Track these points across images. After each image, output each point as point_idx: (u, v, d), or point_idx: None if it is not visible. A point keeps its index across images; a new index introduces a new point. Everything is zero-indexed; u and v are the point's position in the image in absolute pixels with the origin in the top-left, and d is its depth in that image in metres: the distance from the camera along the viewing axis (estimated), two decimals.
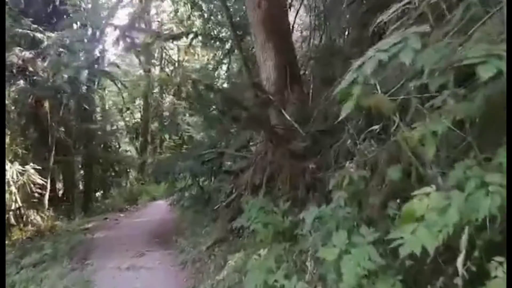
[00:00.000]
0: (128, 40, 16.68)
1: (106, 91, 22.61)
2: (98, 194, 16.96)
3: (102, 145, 20.05)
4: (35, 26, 10.23)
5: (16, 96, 10.55)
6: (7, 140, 11.50)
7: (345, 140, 4.09)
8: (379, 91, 2.57)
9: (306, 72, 6.78)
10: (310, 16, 8.16)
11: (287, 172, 4.77)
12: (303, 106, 5.50)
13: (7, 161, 11.05)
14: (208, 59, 20.70)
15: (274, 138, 4.80)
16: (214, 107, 7.93)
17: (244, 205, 5.32)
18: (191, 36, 13.23)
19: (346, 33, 7.28)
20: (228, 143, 7.99)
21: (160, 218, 12.56)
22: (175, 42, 24.18)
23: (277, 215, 4.43)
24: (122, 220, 13.31)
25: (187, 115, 24.25)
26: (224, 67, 16.86)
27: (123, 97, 22.85)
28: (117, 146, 23.13)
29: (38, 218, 11.57)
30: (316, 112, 5.40)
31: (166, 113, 24.54)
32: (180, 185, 9.98)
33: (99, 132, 20.53)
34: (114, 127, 23.08)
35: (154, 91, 24.50)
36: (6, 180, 10.89)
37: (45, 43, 10.33)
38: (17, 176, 11.15)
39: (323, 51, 6.91)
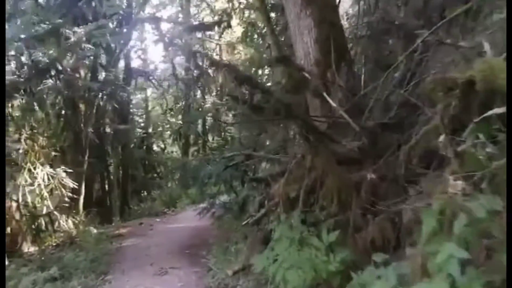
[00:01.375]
0: (168, 38, 15.84)
1: (149, 93, 22.06)
2: (136, 197, 16.11)
3: (144, 147, 19.45)
4: (60, 21, 9.34)
5: (44, 96, 9.70)
6: (40, 142, 10.79)
7: (424, 137, 2.50)
8: None
9: (356, 52, 5.19)
10: None
11: (333, 183, 3.26)
12: (354, 92, 3.93)
13: (38, 164, 10.32)
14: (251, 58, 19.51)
15: (314, 134, 3.29)
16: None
17: (274, 224, 3.86)
18: (223, 25, 11.93)
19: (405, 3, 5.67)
20: (261, 143, 6.55)
21: (195, 225, 11.32)
22: (216, 41, 23.51)
23: (318, 251, 2.94)
24: (157, 225, 12.27)
25: (230, 115, 23.21)
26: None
27: (166, 99, 22.21)
28: (162, 148, 22.54)
29: (70, 223, 10.73)
30: (373, 101, 3.81)
31: (208, 114, 23.53)
32: (210, 191, 8.70)
33: (143, 134, 20.00)
34: (158, 129, 22.52)
35: (197, 92, 23.61)
36: (37, 183, 10.19)
37: (72, 39, 9.39)
38: (48, 179, 10.39)
39: (376, 26, 5.27)
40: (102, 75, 11.10)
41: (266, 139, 5.92)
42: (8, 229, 9.91)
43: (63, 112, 12.11)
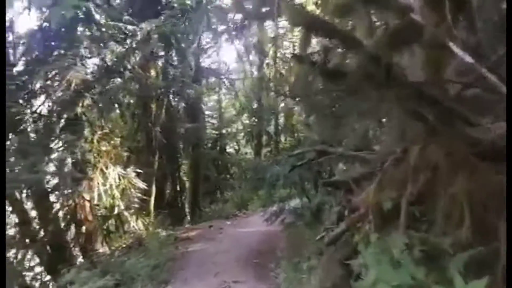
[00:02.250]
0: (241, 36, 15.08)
1: (222, 94, 21.63)
2: (208, 198, 15.55)
3: (218, 148, 19.02)
4: (127, 17, 8.94)
5: (113, 97, 9.40)
6: (113, 142, 10.60)
7: None
8: None
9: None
10: None
11: (463, 190, 1.97)
12: (479, 56, 2.56)
13: (110, 164, 10.10)
14: None
15: (436, 111, 2.02)
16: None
17: (361, 248, 2.64)
18: None
19: None
20: (340, 137, 5.24)
21: (266, 229, 10.28)
22: (289, 39, 22.44)
23: None
24: (227, 229, 11.46)
25: (303, 115, 21.99)
26: None
27: (239, 99, 21.67)
28: (236, 149, 22.04)
29: (140, 224, 10.37)
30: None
31: (281, 114, 22.57)
32: (280, 194, 7.59)
33: (216, 135, 19.61)
34: (231, 130, 22.06)
35: (270, 92, 22.75)
36: (109, 184, 9.97)
37: (139, 36, 8.95)
38: (119, 179, 10.12)
39: None
40: (171, 73, 10.57)
41: (346, 130, 4.61)
42: (83, 229, 9.85)
43: (136, 112, 11.94)
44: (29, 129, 8.89)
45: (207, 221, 13.04)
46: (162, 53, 10.79)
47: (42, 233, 9.11)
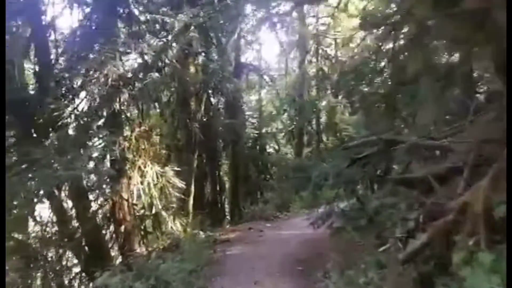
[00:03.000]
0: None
1: (263, 92, 21.00)
2: (248, 198, 14.90)
3: (257, 147, 18.41)
4: (165, 9, 8.49)
5: (150, 93, 8.98)
6: (152, 140, 10.21)
7: None
8: None
9: None
10: None
11: None
12: None
13: (148, 163, 9.70)
14: (370, 53, 16.97)
15: None
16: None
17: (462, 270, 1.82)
18: None
19: None
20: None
21: (310, 233, 9.41)
22: (331, 36, 21.44)
23: None
24: (267, 231, 10.77)
25: (347, 113, 20.93)
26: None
27: (279, 97, 20.94)
28: (276, 149, 21.33)
29: (178, 225, 9.88)
30: None
31: (323, 112, 21.60)
32: (326, 195, 6.74)
33: (255, 133, 19.01)
34: (272, 129, 21.37)
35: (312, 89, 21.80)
36: (147, 182, 9.58)
37: (176, 28, 8.47)
38: (157, 178, 9.70)
39: None
40: (211, 67, 10.03)
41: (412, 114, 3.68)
42: (122, 228, 9.52)
43: (175, 109, 11.52)
44: (68, 126, 8.69)
45: (247, 222, 12.42)
46: (200, 48, 10.27)
47: (80, 232, 8.85)
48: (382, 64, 11.66)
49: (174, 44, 8.91)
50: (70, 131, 8.70)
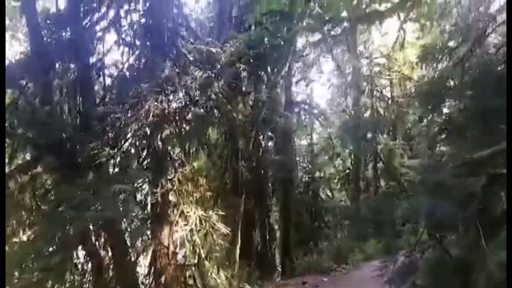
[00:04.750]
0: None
1: (314, 135, 19.83)
2: (301, 248, 13.21)
3: (310, 193, 16.95)
4: (210, 39, 7.83)
5: (195, 130, 8.15)
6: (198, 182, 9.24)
7: None
8: None
9: None
10: None
11: None
12: None
13: (192, 207, 8.65)
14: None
15: None
16: None
17: None
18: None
19: None
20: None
21: None
22: (387, 76, 20.18)
23: None
24: (324, 287, 9.07)
25: (406, 157, 19.01)
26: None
27: (332, 142, 19.62)
28: (329, 195, 19.67)
29: (223, 277, 8.54)
30: None
31: (380, 156, 19.79)
32: (404, 243, 5.08)
33: (308, 178, 17.66)
34: (325, 174, 19.87)
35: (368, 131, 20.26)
36: (190, 228, 8.49)
37: (222, 59, 7.73)
38: (200, 223, 8.58)
39: None
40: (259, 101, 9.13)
41: None
42: (162, 279, 8.41)
43: (222, 149, 10.62)
44: (108, 166, 8.03)
45: (300, 275, 10.77)
46: (249, 83, 9.47)
47: (115, 281, 7.83)
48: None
49: (220, 77, 8.12)
50: (110, 171, 8.02)
